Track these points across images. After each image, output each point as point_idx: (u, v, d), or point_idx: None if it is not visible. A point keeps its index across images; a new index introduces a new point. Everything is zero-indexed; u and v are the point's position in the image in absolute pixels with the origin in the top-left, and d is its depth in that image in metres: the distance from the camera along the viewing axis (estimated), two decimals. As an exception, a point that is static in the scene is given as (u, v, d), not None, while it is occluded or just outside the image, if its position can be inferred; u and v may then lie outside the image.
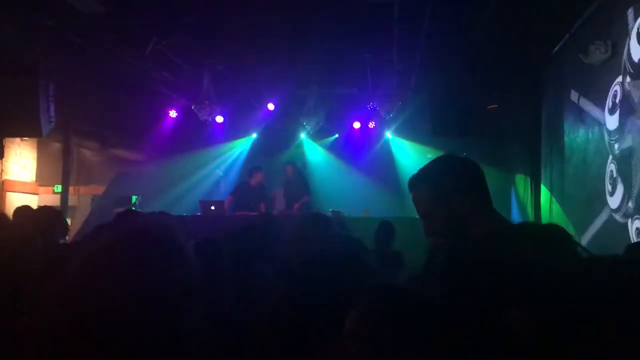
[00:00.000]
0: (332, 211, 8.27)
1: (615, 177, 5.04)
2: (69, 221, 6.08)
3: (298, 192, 8.62)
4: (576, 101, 6.37)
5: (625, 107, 4.83)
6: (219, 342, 1.67)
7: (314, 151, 11.47)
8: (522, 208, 8.36)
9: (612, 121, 5.17)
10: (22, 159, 9.35)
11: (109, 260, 1.07)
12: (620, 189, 4.92)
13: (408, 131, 10.66)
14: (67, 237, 4.32)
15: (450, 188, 1.77)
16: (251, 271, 2.17)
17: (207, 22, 6.48)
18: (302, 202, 8.51)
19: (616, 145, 5.05)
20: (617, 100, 5.02)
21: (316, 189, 9.80)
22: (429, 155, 10.79)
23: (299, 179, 8.82)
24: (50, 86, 6.57)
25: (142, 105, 9.40)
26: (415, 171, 1.91)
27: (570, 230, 5.71)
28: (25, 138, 8.59)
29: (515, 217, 8.58)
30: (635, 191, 4.60)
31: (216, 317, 1.76)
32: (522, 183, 8.61)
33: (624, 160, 4.86)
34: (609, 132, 5.23)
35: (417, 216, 1.88)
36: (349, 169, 10.94)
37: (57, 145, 9.57)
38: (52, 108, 6.59)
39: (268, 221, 3.57)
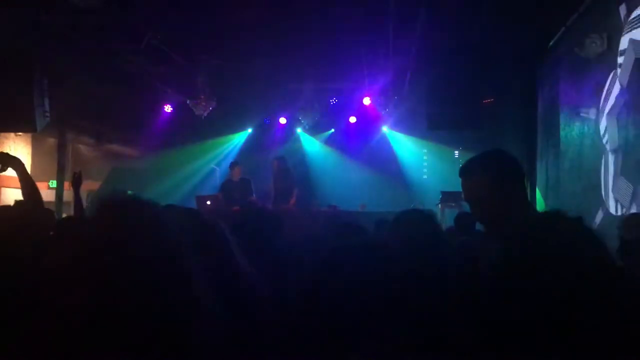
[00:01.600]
0: (328, 206, 8.29)
1: (611, 170, 5.06)
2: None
3: (286, 186, 8.62)
4: (572, 94, 6.38)
5: (621, 100, 4.84)
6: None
7: (311, 146, 11.46)
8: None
9: (607, 114, 5.18)
10: (17, 155, 9.30)
11: None
12: (615, 182, 4.94)
13: (404, 125, 10.65)
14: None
15: (510, 176, 1.90)
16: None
17: (202, 16, 6.45)
18: (294, 195, 8.51)
19: (612, 138, 5.06)
20: (613, 93, 5.03)
21: (313, 183, 9.79)
22: (425, 150, 10.81)
23: (286, 173, 8.81)
24: (45, 81, 6.51)
25: (137, 100, 9.37)
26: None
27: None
28: (20, 133, 8.53)
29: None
30: (631, 183, 4.62)
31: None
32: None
33: (620, 153, 4.88)
34: (605, 125, 5.24)
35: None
36: (346, 164, 10.93)
37: (52, 141, 9.51)
38: (46, 103, 6.53)
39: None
